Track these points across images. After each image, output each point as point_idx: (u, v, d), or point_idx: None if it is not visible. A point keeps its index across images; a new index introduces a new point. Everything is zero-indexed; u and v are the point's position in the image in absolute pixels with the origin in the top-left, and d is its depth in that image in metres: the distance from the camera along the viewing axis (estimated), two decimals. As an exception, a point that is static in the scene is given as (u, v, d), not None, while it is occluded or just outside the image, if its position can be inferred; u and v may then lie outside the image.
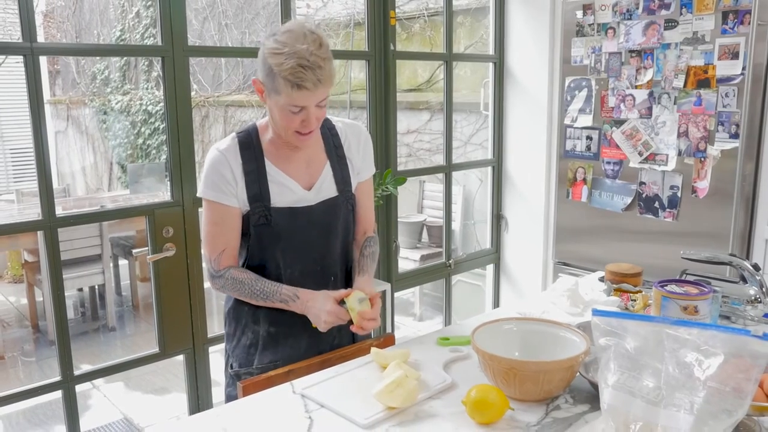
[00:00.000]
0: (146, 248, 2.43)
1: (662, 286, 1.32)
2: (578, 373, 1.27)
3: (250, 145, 1.53)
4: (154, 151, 7.00)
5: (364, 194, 1.68)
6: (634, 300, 1.67)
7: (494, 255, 3.68)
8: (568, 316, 1.61)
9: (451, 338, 1.52)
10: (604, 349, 1.10)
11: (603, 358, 1.09)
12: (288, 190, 1.53)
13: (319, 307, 1.46)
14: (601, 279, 1.90)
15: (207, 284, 2.52)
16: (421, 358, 1.42)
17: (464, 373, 1.35)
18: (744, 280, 1.62)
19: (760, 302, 1.58)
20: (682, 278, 1.47)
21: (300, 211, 1.52)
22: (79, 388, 2.34)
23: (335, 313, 1.45)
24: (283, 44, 1.36)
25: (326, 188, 1.57)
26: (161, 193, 5.04)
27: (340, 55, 5.33)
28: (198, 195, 1.56)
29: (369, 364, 1.40)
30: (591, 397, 1.24)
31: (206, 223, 1.54)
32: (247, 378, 1.51)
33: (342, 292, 1.48)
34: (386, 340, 1.66)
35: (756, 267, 1.60)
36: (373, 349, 1.41)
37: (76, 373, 2.29)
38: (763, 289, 1.58)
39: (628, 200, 3.02)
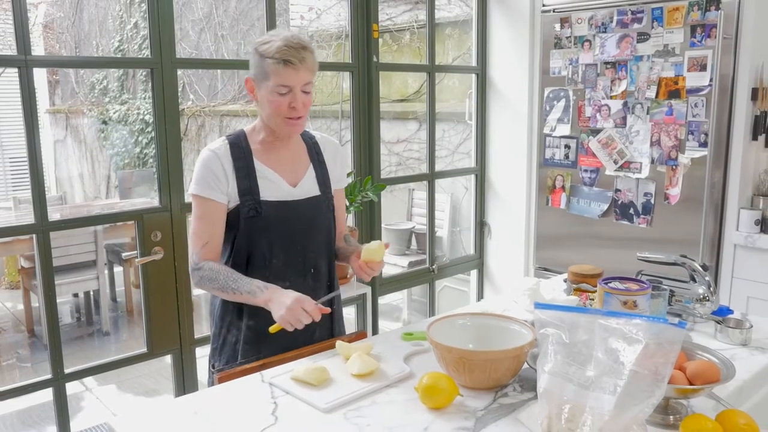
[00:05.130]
0: (135, 252, 2.53)
1: (606, 283, 1.42)
2: (527, 364, 1.36)
3: (239, 145, 1.66)
4: (151, 160, 7.11)
5: (340, 202, 1.83)
6: (592, 299, 1.76)
7: (477, 261, 3.78)
8: (527, 313, 1.70)
9: (414, 333, 1.62)
10: (544, 338, 1.20)
11: (542, 346, 1.19)
12: (275, 186, 1.64)
13: (282, 299, 1.49)
14: (566, 280, 1.99)
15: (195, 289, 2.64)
16: (384, 351, 1.52)
17: (423, 364, 1.44)
18: (694, 279, 1.71)
19: (708, 300, 1.67)
20: (634, 278, 1.56)
21: (289, 204, 1.65)
22: (73, 390, 2.42)
23: (299, 303, 1.46)
24: (271, 35, 1.59)
25: (309, 187, 1.70)
26: (154, 200, 5.15)
27: (325, 66, 5.46)
28: (189, 192, 1.66)
29: (335, 356, 1.50)
30: (538, 386, 1.33)
31: (193, 218, 1.65)
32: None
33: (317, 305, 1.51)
34: (359, 335, 1.76)
35: (704, 267, 1.69)
36: (338, 342, 1.50)
37: (67, 371, 2.38)
38: (711, 289, 1.67)
39: (605, 207, 3.12)
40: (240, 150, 1.65)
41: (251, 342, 1.66)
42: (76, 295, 5.24)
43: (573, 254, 3.24)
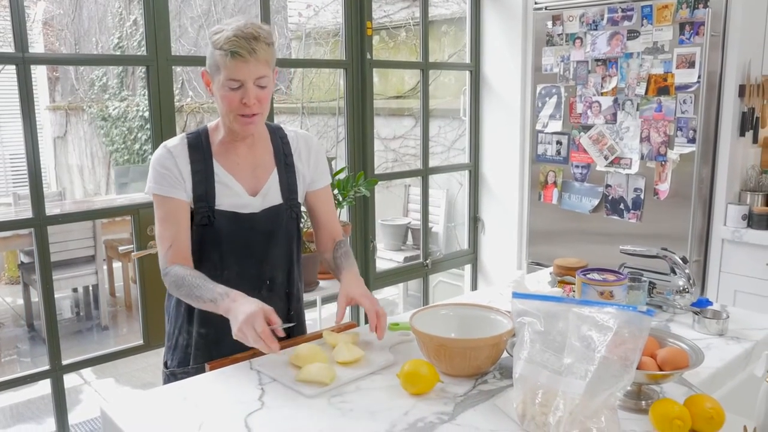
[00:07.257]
0: (132, 246, 2.57)
1: (584, 274, 1.46)
2: (507, 352, 1.40)
3: (199, 146, 1.55)
4: (150, 157, 7.16)
5: (324, 202, 1.72)
6: (575, 291, 1.80)
7: (471, 255, 3.82)
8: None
9: (400, 324, 1.66)
10: (521, 326, 1.24)
11: (519, 334, 1.23)
12: (233, 193, 1.55)
13: (242, 309, 1.36)
14: (551, 273, 2.03)
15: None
16: (371, 340, 1.56)
17: (408, 353, 1.49)
18: (674, 272, 1.75)
19: (688, 292, 1.71)
20: (612, 269, 1.60)
21: (244, 217, 1.56)
22: (72, 383, 2.46)
23: (252, 320, 1.32)
24: (226, 23, 1.47)
25: (272, 195, 1.60)
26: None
27: (319, 63, 5.51)
28: (145, 193, 1.57)
29: (322, 345, 1.54)
30: (518, 374, 1.37)
31: (156, 220, 1.54)
32: (184, 377, 1.55)
33: (276, 319, 1.38)
34: (348, 326, 1.79)
35: (684, 260, 1.73)
36: (325, 331, 1.54)
37: (64, 363, 2.42)
38: (690, 281, 1.71)
39: (596, 202, 3.16)
40: (199, 151, 1.55)
41: (202, 348, 1.61)
42: (75, 290, 5.29)
43: (564, 249, 3.29)
